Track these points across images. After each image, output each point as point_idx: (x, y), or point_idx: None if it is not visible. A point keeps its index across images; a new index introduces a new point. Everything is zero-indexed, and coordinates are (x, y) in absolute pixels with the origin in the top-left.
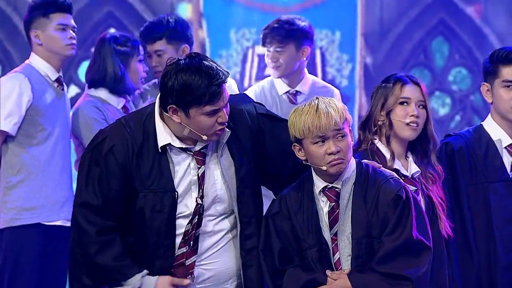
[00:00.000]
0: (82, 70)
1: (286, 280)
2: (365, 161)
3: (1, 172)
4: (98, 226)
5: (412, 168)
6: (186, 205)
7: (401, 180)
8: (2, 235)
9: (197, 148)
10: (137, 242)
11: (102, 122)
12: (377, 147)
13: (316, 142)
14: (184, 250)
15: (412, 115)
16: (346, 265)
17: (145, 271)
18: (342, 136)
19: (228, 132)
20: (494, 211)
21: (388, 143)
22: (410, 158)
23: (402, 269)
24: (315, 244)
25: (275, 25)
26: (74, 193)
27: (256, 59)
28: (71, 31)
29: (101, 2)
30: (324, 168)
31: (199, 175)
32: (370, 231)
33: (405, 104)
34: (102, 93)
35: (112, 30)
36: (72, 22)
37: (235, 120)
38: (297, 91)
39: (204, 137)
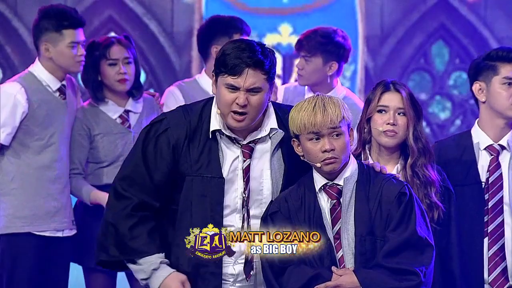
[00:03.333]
0: None
1: (290, 275)
2: (366, 162)
3: None
4: (137, 199)
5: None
6: (230, 198)
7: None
8: None
9: (246, 141)
10: (182, 229)
11: (83, 136)
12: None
13: (311, 139)
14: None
15: (388, 123)
16: (350, 263)
17: (166, 260)
18: (338, 135)
19: (281, 132)
20: (455, 214)
21: (363, 148)
22: (398, 165)
23: (408, 264)
24: None
25: (310, 34)
26: (69, 202)
27: None
28: (81, 47)
29: (101, 6)
30: (318, 165)
31: (244, 168)
32: (373, 229)
33: (383, 112)
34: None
35: (112, 34)
36: (83, 37)
37: None
38: None
39: (218, 111)
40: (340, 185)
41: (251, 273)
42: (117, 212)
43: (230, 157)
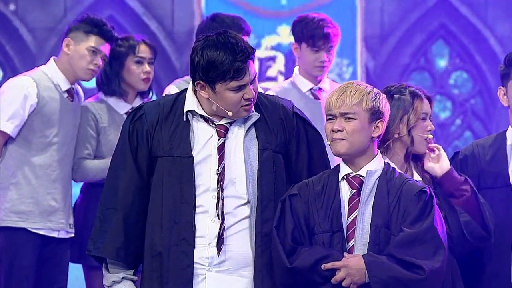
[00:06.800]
0: None
1: (302, 252)
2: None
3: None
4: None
5: (415, 178)
6: (203, 178)
7: None
8: None
9: (221, 122)
10: (154, 210)
11: (92, 127)
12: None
13: (329, 119)
14: (219, 223)
15: (429, 130)
16: (360, 253)
17: (132, 277)
18: (349, 119)
19: (256, 115)
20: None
21: (407, 159)
22: (412, 167)
23: (417, 258)
24: (329, 229)
25: (330, 25)
26: (69, 205)
27: (257, 63)
28: (100, 59)
29: (102, 6)
30: (328, 143)
31: (218, 146)
32: (389, 224)
33: (423, 119)
34: (108, 98)
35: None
36: (107, 51)
37: (267, 109)
38: (320, 88)
39: (230, 113)
40: (363, 176)
41: (221, 247)
42: (106, 204)
43: (204, 136)
